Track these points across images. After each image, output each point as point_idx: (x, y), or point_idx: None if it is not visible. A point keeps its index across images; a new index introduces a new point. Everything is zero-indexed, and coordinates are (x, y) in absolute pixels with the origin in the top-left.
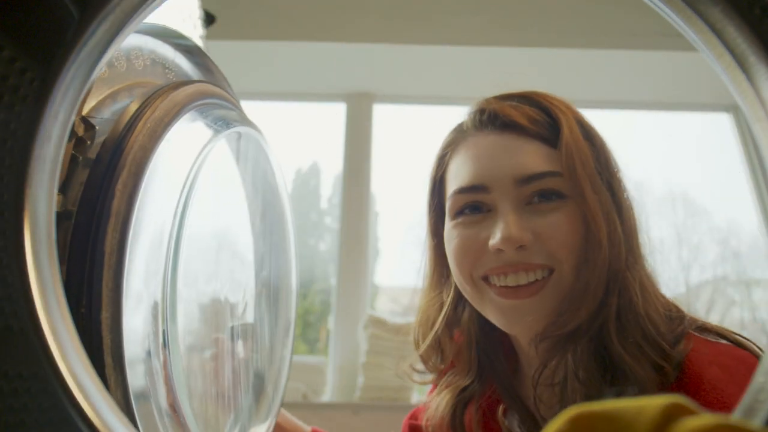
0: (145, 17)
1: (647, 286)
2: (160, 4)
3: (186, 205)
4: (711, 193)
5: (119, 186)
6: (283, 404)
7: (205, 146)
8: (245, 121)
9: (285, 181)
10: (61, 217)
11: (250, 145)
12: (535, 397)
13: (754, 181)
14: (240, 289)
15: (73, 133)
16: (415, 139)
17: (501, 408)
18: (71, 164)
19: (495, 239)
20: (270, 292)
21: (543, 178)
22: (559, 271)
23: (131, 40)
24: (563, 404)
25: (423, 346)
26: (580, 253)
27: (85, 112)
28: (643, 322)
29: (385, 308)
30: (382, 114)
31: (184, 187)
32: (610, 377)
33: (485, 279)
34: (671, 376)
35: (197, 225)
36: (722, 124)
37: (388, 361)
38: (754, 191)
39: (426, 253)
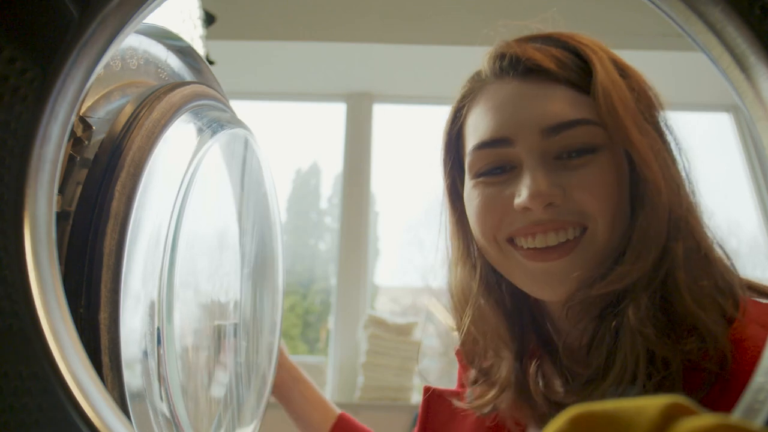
0: (145, 17)
1: (708, 232)
2: (159, 4)
3: (183, 206)
4: (711, 193)
5: (118, 187)
6: (276, 403)
7: (200, 148)
8: (237, 122)
9: (274, 182)
10: (59, 218)
11: (242, 147)
12: (566, 366)
13: (754, 181)
14: (227, 288)
15: (71, 132)
16: (414, 139)
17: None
18: (68, 164)
19: (521, 197)
20: (256, 291)
21: (574, 126)
22: (593, 229)
23: (127, 39)
24: (619, 373)
25: (464, 326)
26: (617, 210)
27: (81, 112)
28: (713, 269)
29: (385, 308)
30: (382, 114)
31: (180, 187)
32: (676, 334)
33: (511, 241)
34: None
35: (193, 225)
36: (722, 124)
37: (388, 361)
38: (754, 191)
39: (446, 221)
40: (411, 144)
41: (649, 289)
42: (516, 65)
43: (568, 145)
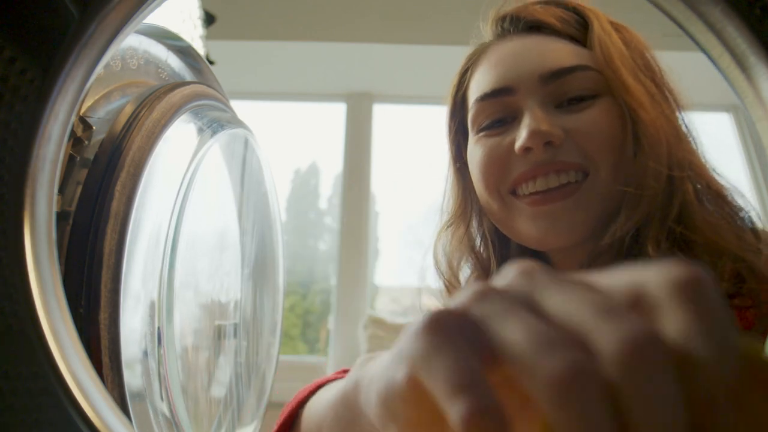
0: (145, 17)
1: (715, 174)
2: (159, 5)
3: (183, 206)
4: None
5: (118, 187)
6: (276, 403)
7: (200, 148)
8: (237, 122)
9: (274, 182)
10: (59, 218)
11: (242, 147)
12: None
13: (754, 181)
14: (228, 288)
15: (71, 132)
16: (414, 139)
17: None
18: (68, 164)
19: (521, 138)
20: (257, 291)
21: (572, 72)
22: (595, 173)
23: (126, 39)
24: None
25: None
26: (619, 154)
27: (81, 112)
28: (725, 202)
29: (385, 308)
30: (382, 114)
31: (180, 187)
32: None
33: (513, 193)
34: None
35: (193, 225)
36: (722, 124)
37: None
38: (754, 191)
39: (448, 184)
40: (411, 144)
41: (665, 224)
42: (516, 23)
43: (567, 90)
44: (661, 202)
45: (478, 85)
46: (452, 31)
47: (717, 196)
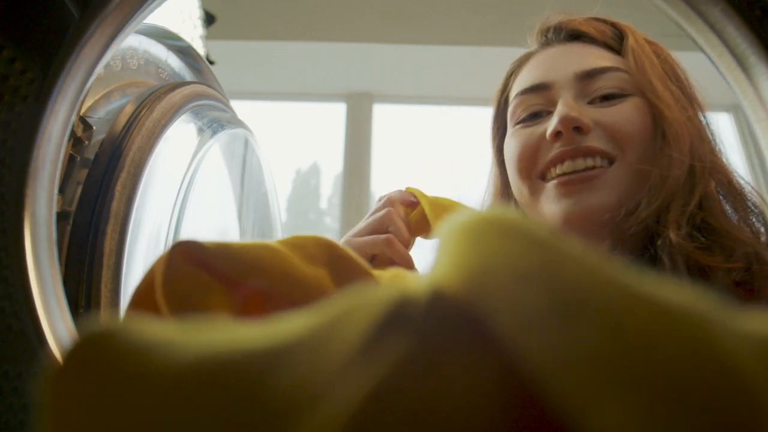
0: (145, 17)
1: (736, 175)
2: (159, 5)
3: (183, 206)
4: None
5: (118, 187)
6: None
7: (201, 147)
8: (237, 122)
9: (274, 182)
10: (59, 218)
11: (242, 147)
12: None
13: (754, 181)
14: None
15: (71, 132)
16: (414, 139)
17: None
18: (68, 164)
19: (552, 123)
20: None
21: (606, 72)
22: (621, 161)
23: (126, 39)
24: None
25: None
26: (645, 146)
27: (81, 112)
28: (744, 199)
29: None
30: (382, 114)
31: (180, 187)
32: (722, 254)
33: (543, 178)
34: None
35: (193, 225)
36: (722, 124)
37: None
38: None
39: (489, 179)
40: (411, 144)
41: (686, 210)
42: (558, 33)
43: (600, 87)
44: (683, 190)
45: (520, 83)
46: (452, 31)
47: (736, 193)
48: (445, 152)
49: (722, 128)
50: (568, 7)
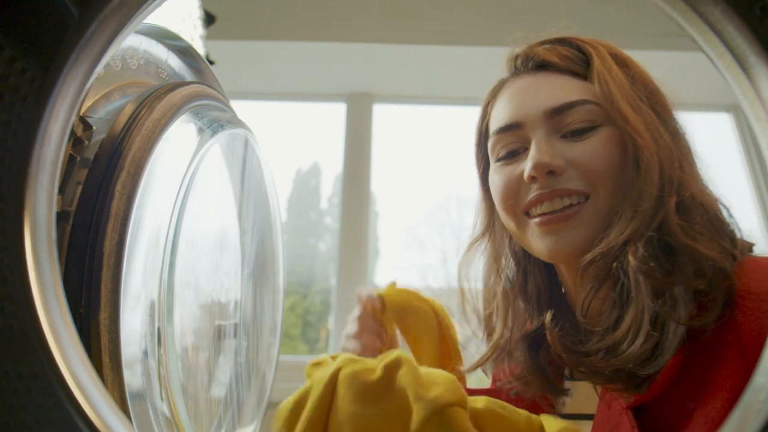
0: (145, 17)
1: (707, 190)
2: (160, 4)
3: (183, 206)
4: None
5: (118, 187)
6: (275, 403)
7: (200, 147)
8: (237, 122)
9: (274, 182)
10: (59, 218)
11: (242, 147)
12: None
13: (754, 181)
14: (228, 288)
15: (71, 132)
16: (414, 138)
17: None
18: (68, 164)
19: (527, 169)
20: (257, 291)
21: (574, 107)
22: (595, 197)
23: (126, 39)
24: (623, 312)
25: (490, 305)
26: (617, 179)
27: (81, 112)
28: (705, 212)
29: None
30: (382, 114)
31: (180, 187)
32: (679, 270)
33: (527, 214)
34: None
35: (193, 225)
36: (722, 124)
37: None
38: (754, 191)
39: (478, 203)
40: (411, 144)
41: (645, 236)
42: (527, 63)
43: (569, 123)
44: (648, 218)
45: (495, 119)
46: (452, 31)
47: (699, 206)
48: (444, 152)
49: (722, 128)
50: (569, 8)
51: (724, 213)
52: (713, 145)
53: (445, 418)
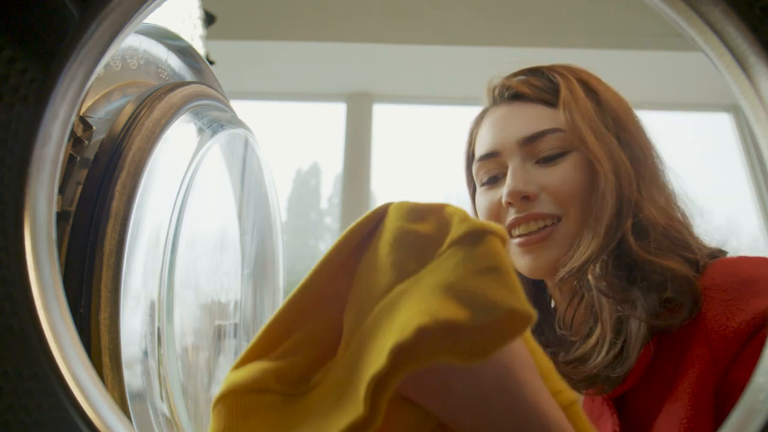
0: (145, 17)
1: (667, 208)
2: (160, 4)
3: (183, 206)
4: (711, 193)
5: (118, 187)
6: None
7: (201, 147)
8: (237, 122)
9: (274, 182)
10: (59, 218)
11: (242, 147)
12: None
13: (754, 181)
14: (228, 288)
15: (71, 132)
16: (414, 138)
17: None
18: (68, 164)
19: (504, 195)
20: (257, 291)
21: (544, 135)
22: (566, 218)
23: (126, 39)
24: (595, 324)
25: None
26: (585, 201)
27: (81, 112)
28: (662, 229)
29: None
30: (382, 114)
31: (180, 187)
32: (641, 281)
33: (510, 234)
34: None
35: (193, 225)
36: (722, 124)
37: None
38: (754, 191)
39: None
40: (411, 144)
41: (602, 255)
42: (503, 94)
43: (541, 150)
44: (605, 240)
45: (478, 146)
46: (452, 31)
47: (656, 224)
48: (444, 152)
49: (722, 128)
50: (569, 8)
51: (685, 226)
52: (713, 145)
53: (486, 238)
